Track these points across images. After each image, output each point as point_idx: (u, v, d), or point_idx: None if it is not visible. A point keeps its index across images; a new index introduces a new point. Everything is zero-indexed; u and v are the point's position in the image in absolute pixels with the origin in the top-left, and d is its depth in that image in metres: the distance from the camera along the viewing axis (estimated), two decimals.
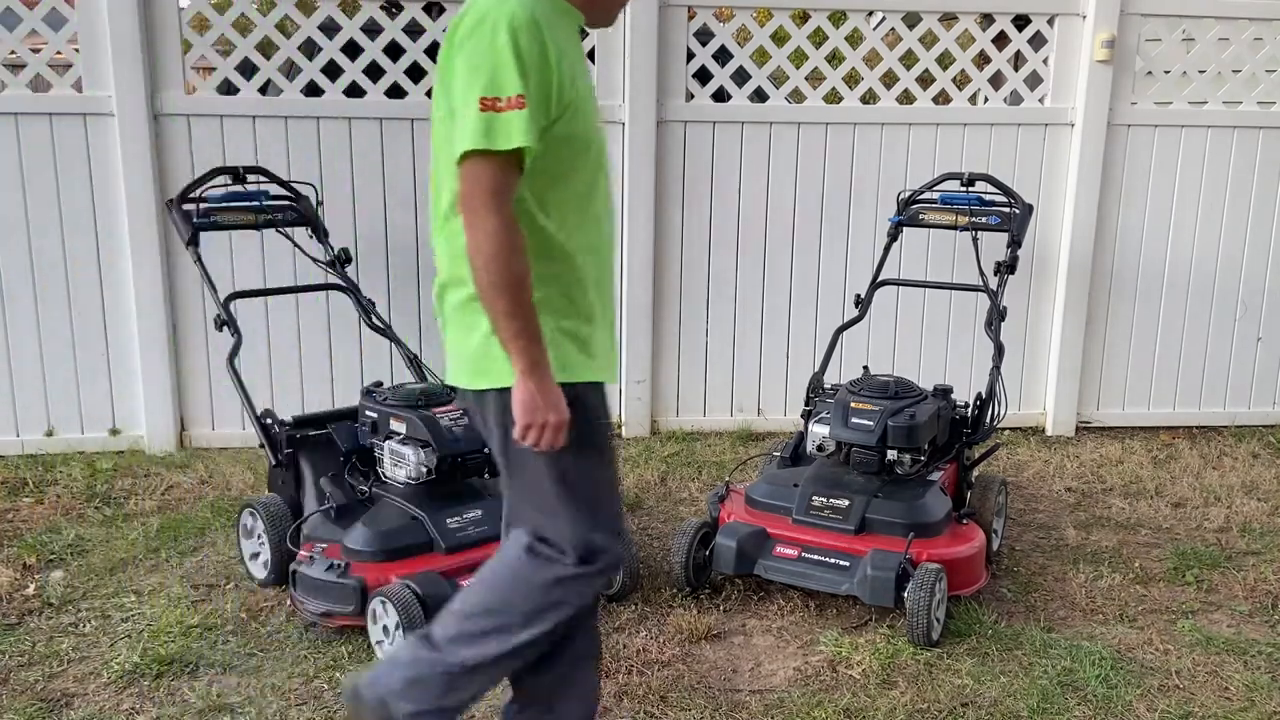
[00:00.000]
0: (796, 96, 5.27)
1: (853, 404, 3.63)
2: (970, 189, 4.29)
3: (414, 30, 4.83)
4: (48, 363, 4.82)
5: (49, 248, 4.72)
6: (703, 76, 5.05)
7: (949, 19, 5.28)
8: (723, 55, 5.10)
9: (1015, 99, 5.27)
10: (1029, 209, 4.18)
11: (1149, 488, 4.64)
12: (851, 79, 5.11)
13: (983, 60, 5.28)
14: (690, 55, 4.99)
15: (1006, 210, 4.15)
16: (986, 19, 5.20)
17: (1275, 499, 4.53)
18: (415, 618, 2.99)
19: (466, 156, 2.05)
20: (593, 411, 2.26)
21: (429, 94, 4.87)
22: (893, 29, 5.19)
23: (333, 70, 4.81)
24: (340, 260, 4.21)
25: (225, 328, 3.80)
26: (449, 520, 3.36)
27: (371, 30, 4.80)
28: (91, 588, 3.62)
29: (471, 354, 2.26)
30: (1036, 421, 5.48)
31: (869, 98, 5.15)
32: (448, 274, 2.26)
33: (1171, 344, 5.43)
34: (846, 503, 3.51)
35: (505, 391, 2.18)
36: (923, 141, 5.16)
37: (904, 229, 4.43)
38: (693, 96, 5.04)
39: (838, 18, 5.08)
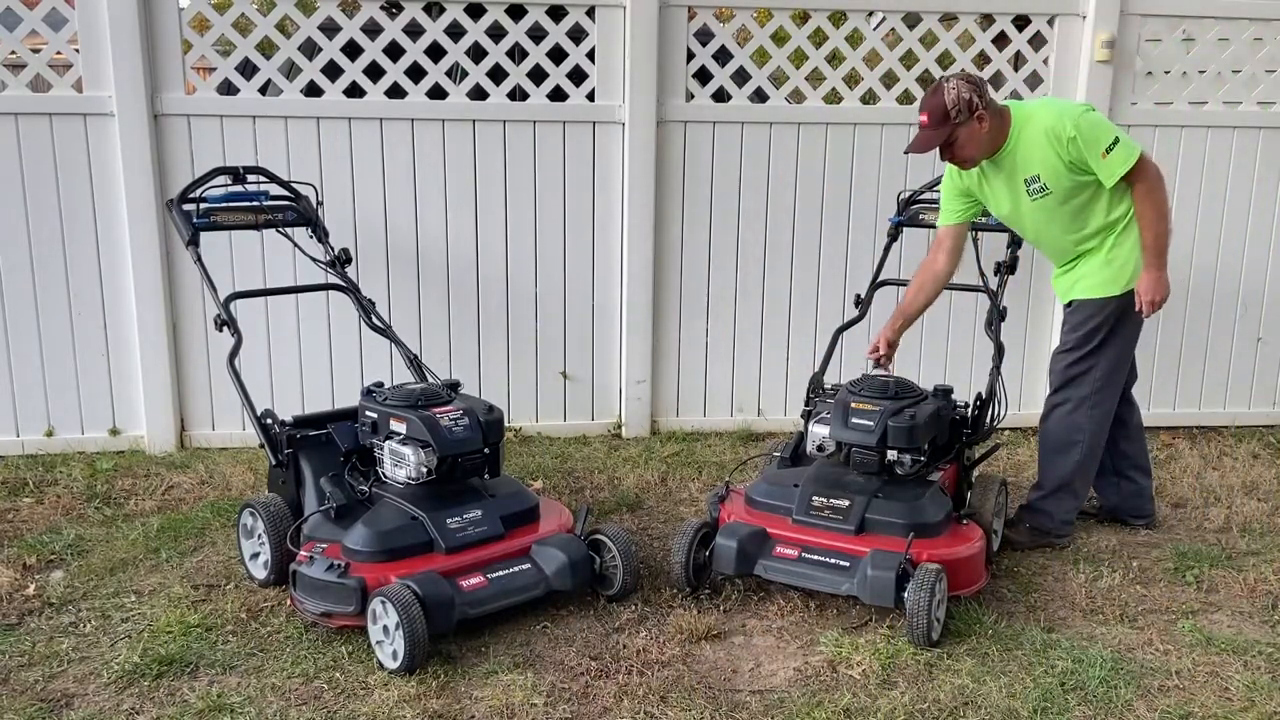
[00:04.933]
0: (796, 97, 5.27)
1: (853, 404, 3.63)
2: None
3: (414, 30, 4.83)
4: (48, 363, 4.82)
5: (49, 247, 4.73)
6: (703, 76, 5.05)
7: (949, 19, 5.28)
8: (723, 55, 5.09)
9: (1015, 99, 5.26)
10: None
11: None
12: (851, 79, 5.12)
13: (983, 60, 5.28)
14: (690, 55, 4.99)
15: None
16: (986, 19, 5.19)
17: (1275, 499, 4.53)
18: (415, 618, 2.99)
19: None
20: None
21: (429, 94, 4.87)
22: (893, 29, 5.19)
23: (333, 70, 4.81)
24: (340, 260, 4.21)
25: (225, 328, 3.80)
26: (449, 520, 3.36)
27: (371, 30, 4.80)
28: (91, 588, 3.62)
29: None
30: (1036, 422, 5.45)
31: (869, 98, 5.15)
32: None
33: (1171, 344, 5.43)
34: (846, 503, 3.51)
35: None
36: None
37: (904, 229, 4.43)
38: (693, 96, 5.04)
39: (838, 18, 5.08)
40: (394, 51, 4.83)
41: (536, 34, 4.90)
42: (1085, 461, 3.97)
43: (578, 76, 4.96)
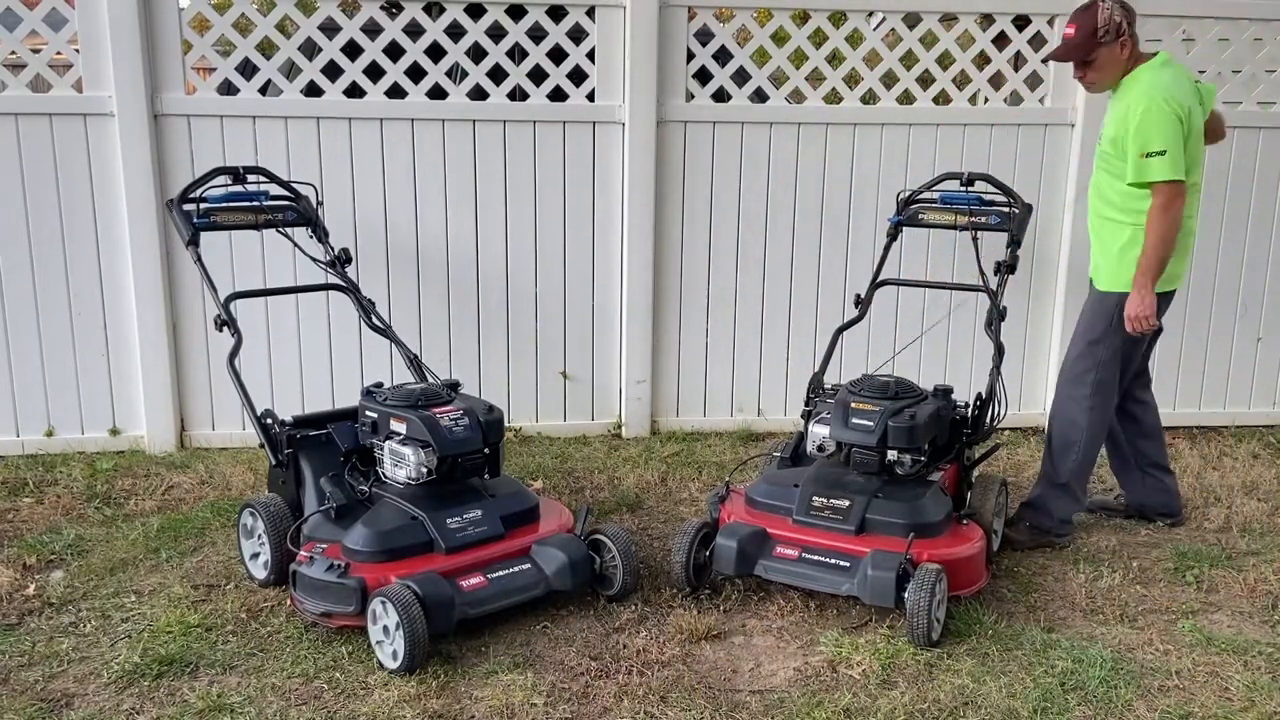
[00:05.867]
0: (796, 97, 5.27)
1: (853, 404, 3.63)
2: (970, 189, 4.29)
3: (414, 30, 4.83)
4: (48, 363, 4.82)
5: (49, 247, 4.73)
6: (703, 76, 5.04)
7: (949, 19, 5.28)
8: (723, 55, 5.09)
9: (1015, 99, 5.27)
10: (1029, 209, 4.18)
11: None
12: (851, 79, 5.11)
13: (983, 60, 5.27)
14: (690, 55, 4.99)
15: (1006, 210, 4.15)
16: (986, 19, 5.19)
17: (1275, 499, 4.53)
18: (415, 618, 2.99)
19: None
20: None
21: (429, 94, 4.87)
22: (893, 29, 5.19)
23: (333, 70, 4.81)
24: (340, 260, 4.21)
25: (225, 328, 3.80)
26: (449, 520, 3.36)
27: (371, 30, 4.80)
28: (91, 588, 3.62)
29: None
30: (1036, 421, 5.47)
31: (869, 98, 5.15)
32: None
33: (1171, 344, 5.43)
34: (847, 503, 3.51)
35: None
36: (923, 141, 5.15)
37: (904, 229, 4.43)
38: (693, 96, 5.04)
39: (838, 18, 5.08)
40: (394, 51, 4.83)
41: (536, 34, 4.90)
42: (1083, 463, 3.98)
43: (578, 76, 4.96)
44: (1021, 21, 5.20)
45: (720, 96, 5.07)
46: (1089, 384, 3.90)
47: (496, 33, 4.88)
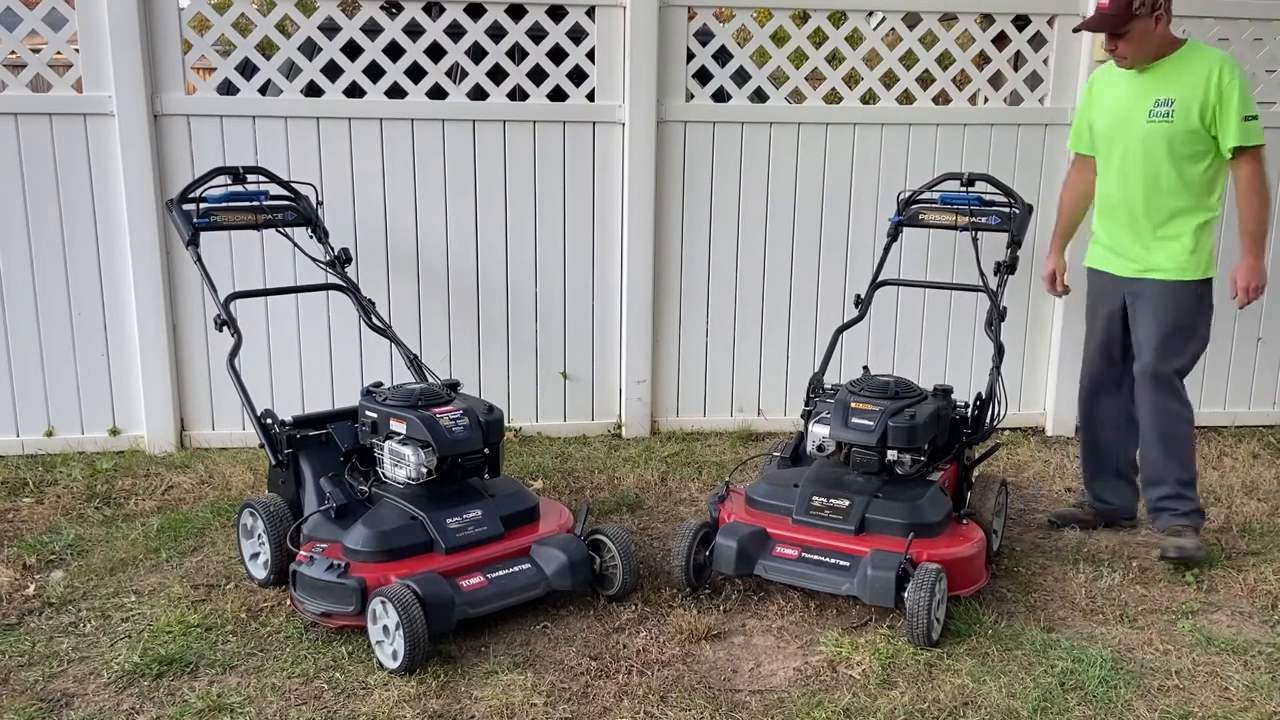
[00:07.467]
0: (796, 96, 5.27)
1: (853, 404, 3.63)
2: (970, 189, 4.29)
3: (414, 30, 4.83)
4: (48, 363, 4.82)
5: (49, 248, 4.73)
6: (703, 77, 5.04)
7: (949, 19, 5.28)
8: (723, 55, 5.10)
9: (1015, 99, 5.27)
10: (1029, 209, 4.18)
11: None
12: (851, 79, 5.11)
13: (983, 60, 5.28)
14: (690, 55, 4.99)
15: (1006, 210, 4.15)
16: (986, 19, 5.19)
17: (1275, 499, 4.53)
18: (415, 618, 2.99)
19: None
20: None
21: (429, 94, 4.87)
22: (893, 29, 5.19)
23: (333, 70, 4.81)
24: (340, 260, 4.21)
25: (225, 328, 3.80)
26: (449, 520, 3.36)
27: (371, 30, 4.80)
28: (91, 588, 3.62)
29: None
30: (1036, 421, 5.47)
31: (869, 98, 5.15)
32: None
33: None
34: (847, 503, 3.51)
35: None
36: (923, 141, 5.15)
37: (904, 229, 4.43)
38: (693, 96, 5.04)
39: (838, 18, 5.08)
40: (394, 51, 4.83)
41: (536, 34, 4.90)
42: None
43: (578, 76, 4.96)
44: (1021, 21, 5.20)
45: (720, 96, 5.07)
46: (1183, 377, 3.92)
47: (496, 33, 4.89)
